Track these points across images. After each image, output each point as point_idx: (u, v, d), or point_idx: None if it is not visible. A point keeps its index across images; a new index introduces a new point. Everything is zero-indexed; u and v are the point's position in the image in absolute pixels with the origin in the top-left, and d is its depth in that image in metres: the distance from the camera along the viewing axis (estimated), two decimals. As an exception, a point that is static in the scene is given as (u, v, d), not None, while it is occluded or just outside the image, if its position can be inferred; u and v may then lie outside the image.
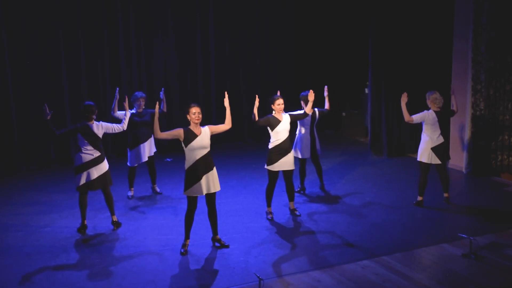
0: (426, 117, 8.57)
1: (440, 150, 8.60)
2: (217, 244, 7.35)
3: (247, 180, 10.40)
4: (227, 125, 7.34)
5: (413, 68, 11.77)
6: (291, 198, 8.51)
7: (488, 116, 10.22)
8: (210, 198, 7.17)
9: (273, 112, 8.12)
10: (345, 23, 13.82)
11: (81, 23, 11.62)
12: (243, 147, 13.29)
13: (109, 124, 7.98)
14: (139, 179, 9.97)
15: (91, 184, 7.80)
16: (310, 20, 13.86)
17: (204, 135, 7.02)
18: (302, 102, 9.12)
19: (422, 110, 11.85)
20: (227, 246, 7.31)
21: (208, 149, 7.05)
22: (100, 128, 7.85)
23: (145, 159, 9.26)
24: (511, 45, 9.80)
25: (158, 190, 9.67)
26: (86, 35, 11.74)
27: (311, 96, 8.21)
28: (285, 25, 13.72)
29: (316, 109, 9.27)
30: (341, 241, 7.50)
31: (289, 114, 8.19)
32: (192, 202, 7.07)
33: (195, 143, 6.94)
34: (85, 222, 7.97)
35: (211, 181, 7.06)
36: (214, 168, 7.13)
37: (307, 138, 9.19)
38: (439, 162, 8.61)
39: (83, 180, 7.77)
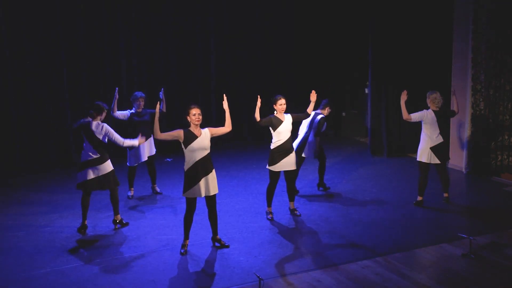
0: (425, 116, 8.57)
1: (439, 150, 8.60)
2: (217, 244, 7.35)
3: (247, 180, 10.40)
4: (227, 127, 7.33)
5: (413, 68, 11.77)
6: (291, 198, 8.51)
7: (488, 116, 10.22)
8: (210, 200, 7.16)
9: (275, 112, 8.12)
10: (345, 23, 13.82)
11: (81, 23, 11.63)
12: (243, 147, 13.29)
13: (112, 130, 7.81)
14: (139, 179, 9.97)
15: (87, 184, 7.80)
16: (310, 20, 13.85)
17: (204, 137, 6.99)
18: None
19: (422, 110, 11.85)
20: (227, 246, 7.31)
21: (208, 151, 7.02)
22: (99, 128, 7.75)
23: (145, 158, 9.26)
24: (511, 45, 9.80)
25: (158, 190, 9.68)
26: (86, 35, 11.74)
27: (313, 96, 8.24)
28: (285, 25, 13.72)
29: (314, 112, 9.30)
30: (341, 241, 7.50)
31: (291, 114, 8.19)
32: (191, 204, 7.07)
33: (195, 144, 6.91)
34: (86, 222, 7.97)
35: (210, 184, 7.02)
36: (213, 171, 7.10)
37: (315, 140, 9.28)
38: (438, 162, 8.61)
39: (80, 179, 7.81)
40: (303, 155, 9.29)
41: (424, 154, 8.64)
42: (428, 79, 11.79)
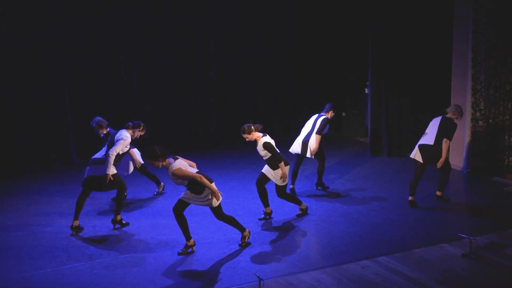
0: None
1: (426, 151, 8.59)
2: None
3: (247, 180, 10.39)
4: None
5: (413, 68, 11.78)
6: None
7: (488, 116, 10.22)
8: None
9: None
10: (345, 23, 13.82)
11: (81, 23, 11.61)
12: (243, 147, 13.28)
13: (118, 144, 7.96)
14: (140, 179, 9.96)
15: (85, 182, 7.98)
16: (310, 20, 13.85)
17: None
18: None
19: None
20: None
21: None
22: (119, 137, 8.05)
23: (131, 170, 9.05)
24: (511, 46, 9.80)
25: (162, 189, 9.64)
26: (86, 35, 11.73)
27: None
28: (285, 25, 13.71)
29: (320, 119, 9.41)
30: (341, 241, 7.50)
31: (264, 143, 8.09)
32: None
33: None
34: (78, 222, 7.96)
35: None
36: None
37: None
38: (420, 160, 8.61)
39: (83, 175, 8.05)
40: (307, 155, 9.33)
41: (414, 150, 8.73)
42: (428, 79, 11.81)
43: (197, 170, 7.12)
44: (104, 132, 8.91)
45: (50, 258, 7.09)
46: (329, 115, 9.50)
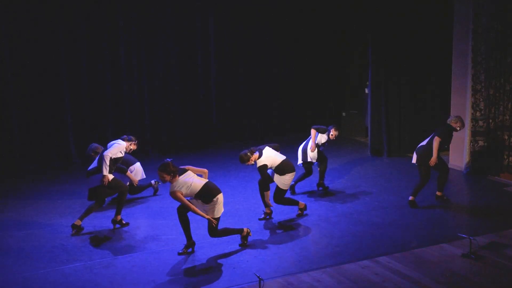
0: None
1: (419, 150, 8.66)
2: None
3: (248, 180, 10.39)
4: None
5: (413, 68, 11.78)
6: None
7: (488, 116, 10.22)
8: None
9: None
10: (345, 23, 13.82)
11: (81, 23, 11.61)
12: (243, 147, 13.25)
13: (114, 147, 7.99)
14: (139, 181, 9.93)
15: (89, 192, 8.00)
16: (310, 20, 13.84)
17: None
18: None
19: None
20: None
21: None
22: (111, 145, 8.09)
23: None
24: (511, 45, 9.80)
25: (153, 182, 9.61)
26: (86, 34, 11.72)
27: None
28: (285, 25, 13.70)
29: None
30: (341, 241, 7.50)
31: (258, 167, 8.20)
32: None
33: None
34: (81, 223, 7.95)
35: None
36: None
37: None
38: (414, 161, 8.69)
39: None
40: (308, 159, 9.37)
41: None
42: (428, 79, 11.81)
43: (207, 180, 7.12)
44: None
45: (50, 258, 7.09)
46: (332, 134, 9.50)
